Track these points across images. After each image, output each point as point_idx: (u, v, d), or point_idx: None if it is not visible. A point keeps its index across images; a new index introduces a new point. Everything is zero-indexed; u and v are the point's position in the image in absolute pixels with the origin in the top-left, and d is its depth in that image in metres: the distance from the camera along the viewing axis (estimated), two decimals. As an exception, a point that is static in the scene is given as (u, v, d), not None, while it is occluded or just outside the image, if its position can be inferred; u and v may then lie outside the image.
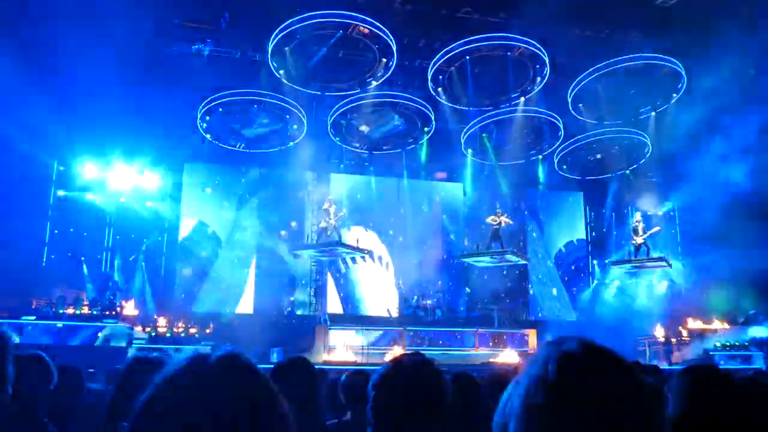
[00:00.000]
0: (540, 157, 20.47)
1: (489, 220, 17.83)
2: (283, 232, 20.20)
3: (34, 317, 14.69)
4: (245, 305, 19.59)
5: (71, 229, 18.39)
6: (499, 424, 1.11)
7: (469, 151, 20.19)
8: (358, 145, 19.90)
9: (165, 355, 3.04)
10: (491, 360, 16.23)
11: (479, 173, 21.36)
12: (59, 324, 14.75)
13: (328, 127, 18.39)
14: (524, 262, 19.66)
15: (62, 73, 14.63)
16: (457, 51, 15.91)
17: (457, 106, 18.04)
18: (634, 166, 20.09)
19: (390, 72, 16.45)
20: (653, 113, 18.24)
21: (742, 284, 17.82)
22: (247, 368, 1.02)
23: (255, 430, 0.95)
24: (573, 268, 22.91)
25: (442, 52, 16.13)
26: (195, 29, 16.14)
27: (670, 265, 18.63)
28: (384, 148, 20.16)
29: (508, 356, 16.27)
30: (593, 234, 23.35)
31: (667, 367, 14.05)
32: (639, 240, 17.98)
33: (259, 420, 0.96)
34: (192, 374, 0.98)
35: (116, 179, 18.46)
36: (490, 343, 17.73)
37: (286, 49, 15.51)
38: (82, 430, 2.97)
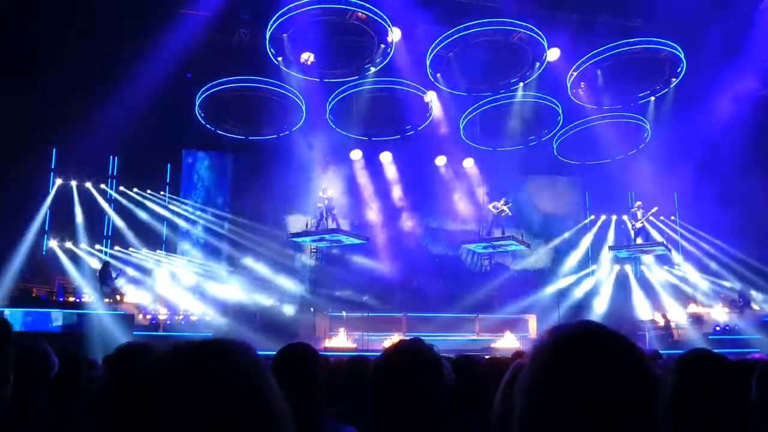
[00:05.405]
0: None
1: (490, 206, 17.75)
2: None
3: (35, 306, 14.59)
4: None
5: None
6: (502, 408, 1.11)
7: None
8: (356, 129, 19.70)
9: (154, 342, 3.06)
10: (492, 345, 16.27)
11: (482, 157, 21.16)
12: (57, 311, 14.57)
13: (327, 114, 18.28)
14: (525, 248, 19.56)
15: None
16: (455, 36, 15.82)
17: (456, 92, 17.94)
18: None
19: (388, 58, 16.35)
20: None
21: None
22: (233, 354, 1.00)
23: (236, 414, 0.94)
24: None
25: (441, 37, 16.03)
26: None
27: (669, 250, 18.61)
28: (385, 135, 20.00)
29: (508, 342, 16.31)
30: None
31: (665, 351, 14.08)
32: (638, 225, 17.93)
33: (241, 405, 0.95)
34: (177, 360, 0.97)
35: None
36: (491, 329, 17.70)
37: (284, 35, 15.40)
38: (82, 418, 2.98)
